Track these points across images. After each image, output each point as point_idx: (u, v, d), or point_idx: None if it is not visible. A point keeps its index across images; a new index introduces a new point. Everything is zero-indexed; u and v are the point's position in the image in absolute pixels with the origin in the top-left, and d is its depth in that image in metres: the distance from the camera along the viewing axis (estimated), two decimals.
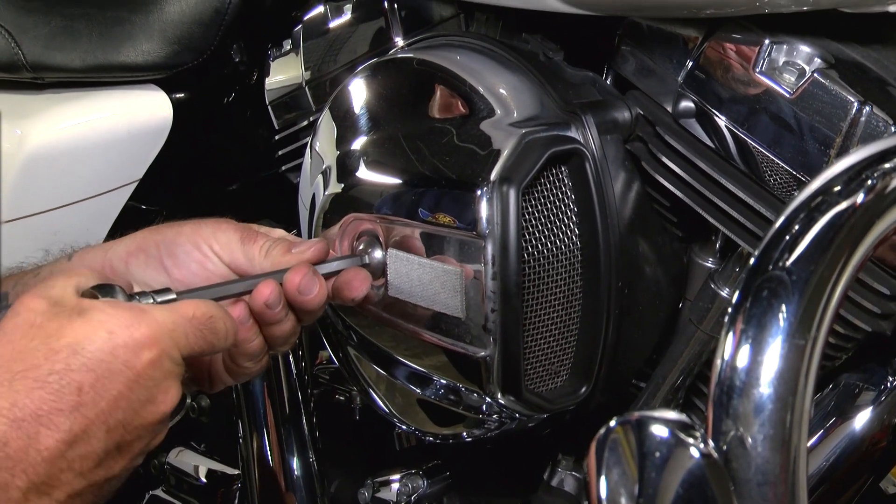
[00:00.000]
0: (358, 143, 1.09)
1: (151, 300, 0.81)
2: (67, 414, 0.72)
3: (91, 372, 0.73)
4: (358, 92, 1.13)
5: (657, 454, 0.68)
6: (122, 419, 0.75)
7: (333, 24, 1.33)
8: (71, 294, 0.78)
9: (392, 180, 1.05)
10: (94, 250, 0.95)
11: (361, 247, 1.05)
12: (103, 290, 0.80)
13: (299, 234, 1.20)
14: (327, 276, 0.96)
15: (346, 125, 1.12)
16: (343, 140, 1.11)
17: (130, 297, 0.81)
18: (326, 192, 1.10)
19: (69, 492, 0.74)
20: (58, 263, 0.95)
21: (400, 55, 1.15)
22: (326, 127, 1.15)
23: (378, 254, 1.03)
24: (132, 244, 0.94)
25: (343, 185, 1.09)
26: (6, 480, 0.71)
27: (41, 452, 0.72)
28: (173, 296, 0.83)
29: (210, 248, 0.93)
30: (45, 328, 0.74)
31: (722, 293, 1.04)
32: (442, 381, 1.07)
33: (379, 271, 1.03)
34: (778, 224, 0.73)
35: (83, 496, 0.75)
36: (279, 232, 0.97)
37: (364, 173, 1.07)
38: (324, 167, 1.12)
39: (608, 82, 1.12)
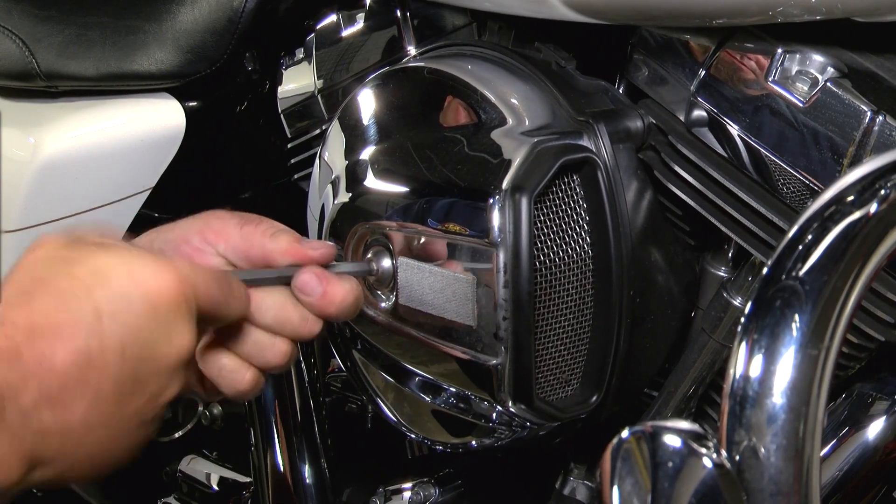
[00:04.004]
0: (368, 153, 1.09)
1: None
2: (84, 333, 0.71)
3: (111, 303, 0.72)
4: (367, 101, 1.13)
5: (670, 464, 0.68)
6: (138, 353, 0.73)
7: (346, 32, 1.33)
8: (93, 234, 0.76)
9: (403, 189, 1.05)
10: None
11: (370, 255, 1.05)
12: None
13: None
14: None
15: (355, 134, 1.12)
16: (352, 149, 1.11)
17: None
18: (336, 202, 1.10)
19: (82, 413, 0.71)
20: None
21: (411, 64, 1.15)
22: (336, 136, 1.15)
23: (387, 262, 1.03)
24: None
25: (352, 195, 1.09)
26: (18, 387, 0.69)
27: (55, 365, 0.70)
28: None
29: (203, 237, 0.89)
30: (66, 257, 0.73)
31: (735, 302, 1.04)
32: (452, 389, 1.07)
33: (388, 279, 1.03)
34: (791, 233, 0.73)
35: (96, 431, 0.73)
36: (281, 225, 0.93)
37: (374, 182, 1.07)
38: (333, 177, 1.12)
39: (620, 91, 1.12)
